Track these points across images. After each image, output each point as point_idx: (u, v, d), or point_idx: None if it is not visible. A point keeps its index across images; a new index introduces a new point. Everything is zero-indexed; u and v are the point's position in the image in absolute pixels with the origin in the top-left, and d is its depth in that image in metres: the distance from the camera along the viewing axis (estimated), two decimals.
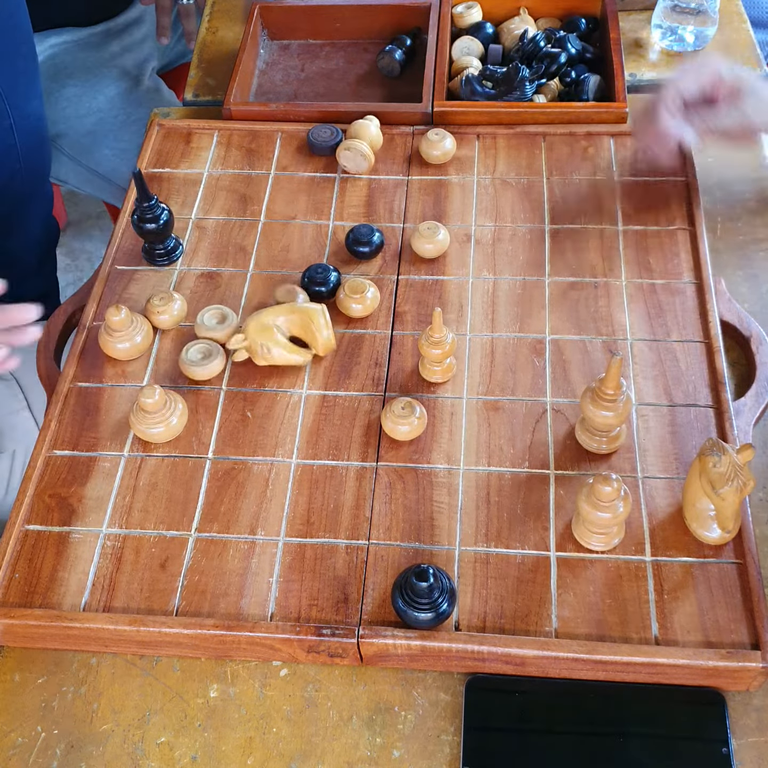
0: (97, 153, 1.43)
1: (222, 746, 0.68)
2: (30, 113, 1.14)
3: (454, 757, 0.67)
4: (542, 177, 0.99)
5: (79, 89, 1.43)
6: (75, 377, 0.86)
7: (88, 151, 1.43)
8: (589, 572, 0.72)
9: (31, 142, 1.14)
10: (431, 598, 0.68)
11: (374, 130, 1.01)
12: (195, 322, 0.87)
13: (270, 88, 1.17)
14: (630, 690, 0.68)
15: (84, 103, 1.43)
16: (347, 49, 1.21)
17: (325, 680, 0.71)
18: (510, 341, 0.86)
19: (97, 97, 1.43)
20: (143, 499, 0.78)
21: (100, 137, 1.43)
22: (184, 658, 0.72)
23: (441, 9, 1.14)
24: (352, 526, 0.75)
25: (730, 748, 0.65)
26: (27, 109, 1.13)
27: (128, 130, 1.42)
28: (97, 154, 1.43)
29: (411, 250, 0.93)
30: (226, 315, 0.87)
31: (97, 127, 1.42)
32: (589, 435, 0.78)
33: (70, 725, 0.70)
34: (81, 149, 1.44)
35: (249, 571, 0.74)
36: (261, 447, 0.80)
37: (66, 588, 0.74)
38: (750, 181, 1.02)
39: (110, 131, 1.43)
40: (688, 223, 0.94)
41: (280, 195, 1.01)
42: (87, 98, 1.43)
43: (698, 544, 0.73)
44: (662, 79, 1.00)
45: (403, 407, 0.79)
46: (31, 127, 1.15)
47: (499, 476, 0.77)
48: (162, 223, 0.91)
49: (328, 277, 0.89)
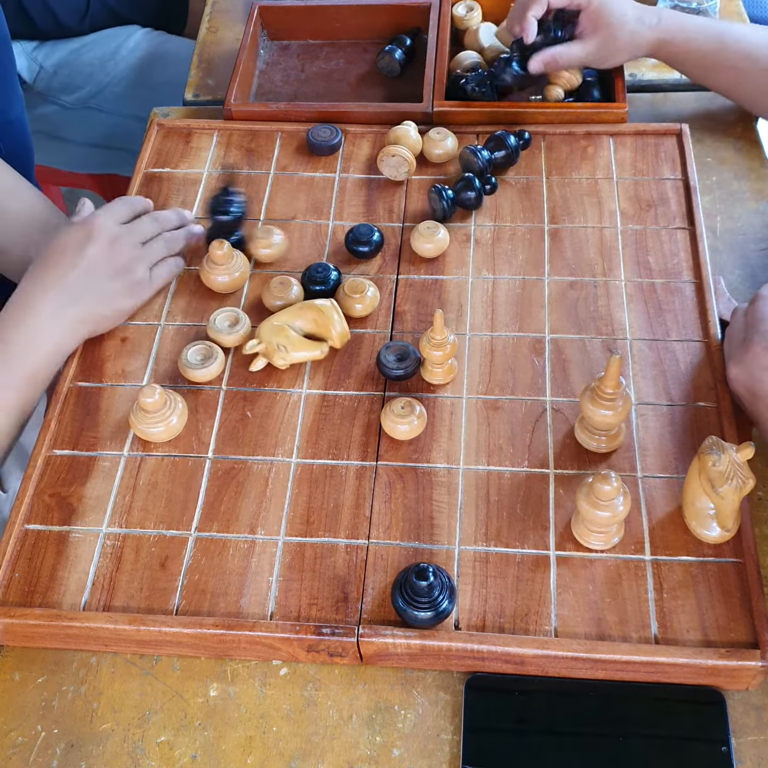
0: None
1: (222, 745, 0.68)
2: (13, 119, 1.15)
3: (454, 756, 0.67)
4: (542, 177, 1.00)
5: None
6: (75, 377, 0.86)
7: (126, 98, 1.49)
8: (588, 571, 0.72)
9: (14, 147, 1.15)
10: (431, 597, 0.68)
11: (414, 135, 1.00)
12: (207, 324, 0.87)
13: (270, 88, 1.17)
14: (629, 689, 0.68)
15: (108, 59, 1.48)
16: (347, 49, 1.21)
17: (325, 679, 0.71)
18: (509, 340, 0.86)
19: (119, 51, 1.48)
20: (143, 499, 0.78)
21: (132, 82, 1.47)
22: (184, 658, 0.72)
23: (441, 9, 1.14)
24: (351, 525, 0.75)
25: (730, 746, 0.65)
26: (9, 116, 1.14)
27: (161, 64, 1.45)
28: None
29: (410, 249, 0.93)
30: (239, 318, 0.87)
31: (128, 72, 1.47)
32: (589, 434, 0.78)
33: (70, 724, 0.70)
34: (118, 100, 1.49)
35: (249, 571, 0.74)
36: (261, 446, 0.80)
37: (66, 587, 0.74)
38: (750, 181, 1.02)
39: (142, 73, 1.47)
40: (687, 223, 0.94)
41: (280, 195, 1.01)
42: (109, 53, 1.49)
43: (698, 543, 0.73)
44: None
45: (403, 407, 0.79)
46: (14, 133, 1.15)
47: (499, 475, 0.77)
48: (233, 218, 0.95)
49: (329, 276, 0.89)
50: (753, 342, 0.75)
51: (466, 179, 0.94)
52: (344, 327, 0.85)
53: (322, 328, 0.84)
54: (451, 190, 0.94)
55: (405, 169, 0.98)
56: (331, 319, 0.84)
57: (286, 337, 0.83)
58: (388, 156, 0.98)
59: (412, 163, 0.98)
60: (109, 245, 0.87)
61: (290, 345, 0.83)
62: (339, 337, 0.84)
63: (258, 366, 0.84)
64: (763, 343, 0.75)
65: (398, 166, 0.98)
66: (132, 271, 0.88)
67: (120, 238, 0.88)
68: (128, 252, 0.88)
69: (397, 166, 0.98)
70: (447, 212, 0.94)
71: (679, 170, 0.99)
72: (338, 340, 0.85)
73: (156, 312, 0.91)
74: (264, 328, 0.84)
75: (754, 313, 0.78)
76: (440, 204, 0.94)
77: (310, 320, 0.84)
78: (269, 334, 0.83)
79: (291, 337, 0.83)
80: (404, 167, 0.98)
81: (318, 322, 0.84)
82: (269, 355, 0.83)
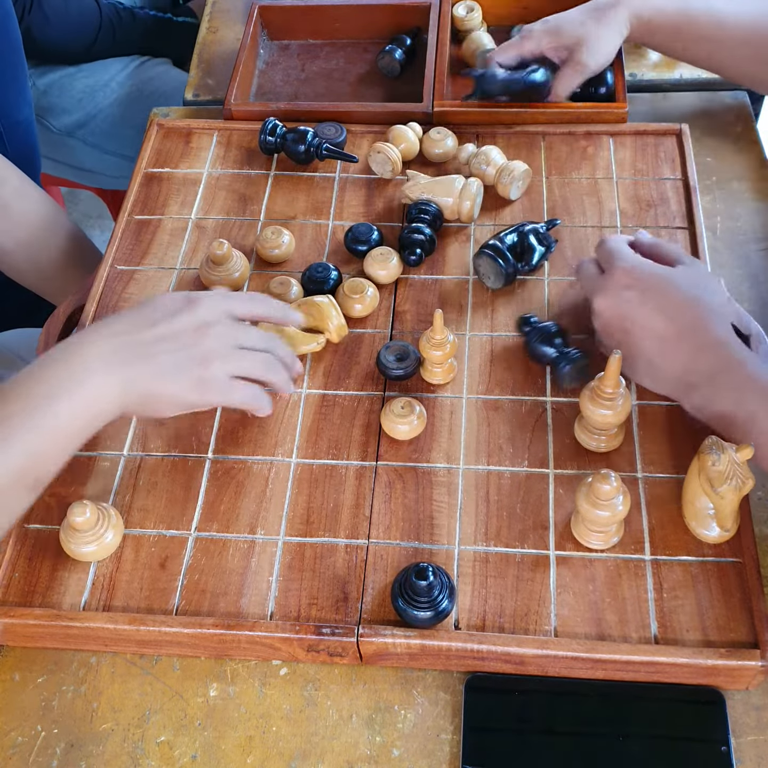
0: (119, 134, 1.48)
1: (222, 745, 0.68)
2: (21, 121, 1.15)
3: (454, 755, 0.67)
4: (542, 176, 1.00)
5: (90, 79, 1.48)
6: None
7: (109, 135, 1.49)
8: (588, 571, 0.72)
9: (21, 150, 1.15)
10: (431, 596, 0.68)
11: (411, 137, 1.00)
12: None
13: (270, 88, 1.17)
14: (629, 689, 0.68)
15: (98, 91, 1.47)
16: (347, 49, 1.21)
17: (325, 679, 0.71)
18: (509, 340, 0.86)
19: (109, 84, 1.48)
20: (143, 499, 0.78)
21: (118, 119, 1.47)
22: (184, 657, 0.72)
23: (441, 8, 1.14)
24: (351, 525, 0.75)
25: (730, 746, 0.65)
26: (18, 117, 1.14)
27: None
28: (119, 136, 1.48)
29: None
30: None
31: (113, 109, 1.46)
32: (589, 434, 0.78)
33: (70, 724, 0.70)
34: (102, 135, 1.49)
35: (249, 571, 0.74)
36: (261, 446, 0.80)
37: (66, 587, 0.74)
38: (750, 181, 1.02)
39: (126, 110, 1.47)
40: (687, 223, 0.94)
41: (280, 195, 1.01)
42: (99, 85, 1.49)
43: (697, 543, 0.73)
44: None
45: (403, 406, 0.79)
46: (21, 135, 1.16)
47: (499, 475, 0.77)
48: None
49: (329, 275, 0.89)
50: (614, 268, 0.78)
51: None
52: (341, 321, 0.85)
53: (319, 322, 0.84)
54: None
55: (389, 167, 0.98)
56: (328, 313, 0.84)
57: (282, 332, 0.83)
58: (375, 152, 0.98)
59: (395, 162, 0.98)
60: (200, 327, 0.73)
61: (287, 339, 0.83)
62: (336, 330, 0.84)
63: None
64: (623, 266, 0.77)
65: (383, 164, 0.98)
66: (207, 364, 0.72)
67: (216, 327, 0.74)
68: (215, 343, 0.73)
69: (382, 164, 0.99)
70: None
71: (679, 170, 0.99)
72: (335, 334, 0.84)
73: None
74: (261, 325, 0.84)
75: (604, 252, 0.81)
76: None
77: (307, 315, 0.84)
78: (266, 329, 0.83)
79: (288, 331, 0.83)
80: (388, 166, 0.98)
81: (315, 317, 0.84)
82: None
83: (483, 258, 0.88)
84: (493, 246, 0.87)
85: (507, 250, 0.87)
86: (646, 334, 0.76)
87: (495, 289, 0.89)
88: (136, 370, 0.70)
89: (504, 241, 0.88)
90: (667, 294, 0.76)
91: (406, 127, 1.00)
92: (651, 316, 0.75)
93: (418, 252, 0.90)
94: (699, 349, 0.74)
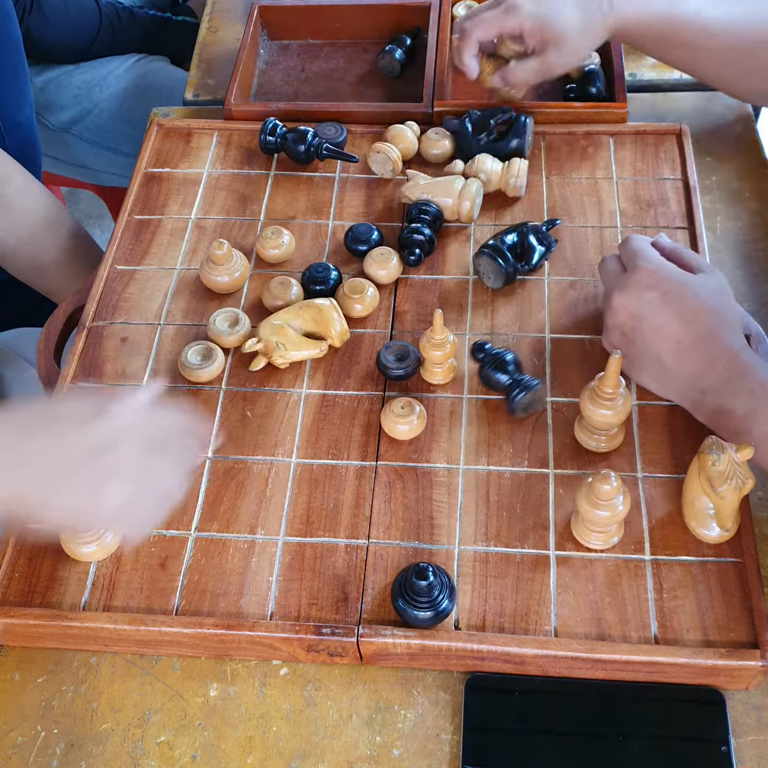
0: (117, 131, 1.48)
1: (222, 745, 0.68)
2: (21, 121, 1.15)
3: (454, 756, 0.67)
4: (541, 176, 1.00)
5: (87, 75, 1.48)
6: (75, 377, 0.86)
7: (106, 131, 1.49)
8: (588, 571, 0.72)
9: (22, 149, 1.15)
10: (431, 596, 0.68)
11: (410, 136, 1.00)
12: (207, 325, 0.87)
13: (270, 88, 1.17)
14: (629, 689, 0.68)
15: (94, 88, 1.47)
16: (347, 49, 1.21)
17: (325, 679, 0.71)
18: (510, 340, 0.86)
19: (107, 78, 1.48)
20: None
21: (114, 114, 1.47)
22: (184, 657, 0.72)
23: (441, 8, 1.14)
24: (351, 525, 0.75)
25: (730, 746, 0.65)
26: (18, 117, 1.14)
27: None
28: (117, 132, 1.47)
29: None
30: (239, 318, 0.87)
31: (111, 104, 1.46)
32: (588, 434, 0.78)
33: (70, 724, 0.70)
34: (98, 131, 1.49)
35: (249, 571, 0.74)
36: (261, 446, 0.80)
37: (66, 587, 0.74)
38: (750, 181, 1.02)
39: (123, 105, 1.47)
40: (687, 223, 0.94)
41: (280, 195, 1.01)
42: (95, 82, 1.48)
43: (697, 543, 0.73)
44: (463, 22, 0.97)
45: (403, 406, 0.79)
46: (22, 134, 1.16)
47: (499, 475, 0.77)
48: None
49: (329, 276, 0.89)
50: (637, 267, 0.78)
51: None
52: (344, 326, 0.85)
53: (321, 326, 0.84)
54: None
55: (390, 167, 0.98)
56: (330, 318, 0.84)
57: (285, 336, 0.83)
58: (375, 152, 0.98)
59: (396, 162, 0.98)
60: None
61: (289, 343, 0.83)
62: (338, 336, 0.84)
63: (258, 365, 0.84)
64: (646, 267, 0.77)
65: (384, 164, 0.98)
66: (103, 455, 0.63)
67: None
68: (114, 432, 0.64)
69: (383, 163, 0.99)
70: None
71: (679, 170, 0.99)
72: (338, 339, 0.85)
73: (156, 312, 0.91)
74: (263, 327, 0.84)
75: (627, 251, 0.80)
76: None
77: (310, 319, 0.84)
78: (268, 332, 0.83)
79: (290, 335, 0.83)
80: (389, 165, 0.98)
81: (317, 321, 0.84)
82: (268, 353, 0.83)
83: (483, 258, 0.88)
84: (493, 246, 0.87)
85: (507, 249, 0.87)
86: (661, 336, 0.76)
87: (495, 288, 0.90)
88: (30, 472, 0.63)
89: (504, 241, 0.88)
90: (687, 300, 0.75)
91: (404, 126, 1.01)
92: (669, 320, 0.75)
93: (418, 252, 0.90)
94: (713, 357, 0.74)
